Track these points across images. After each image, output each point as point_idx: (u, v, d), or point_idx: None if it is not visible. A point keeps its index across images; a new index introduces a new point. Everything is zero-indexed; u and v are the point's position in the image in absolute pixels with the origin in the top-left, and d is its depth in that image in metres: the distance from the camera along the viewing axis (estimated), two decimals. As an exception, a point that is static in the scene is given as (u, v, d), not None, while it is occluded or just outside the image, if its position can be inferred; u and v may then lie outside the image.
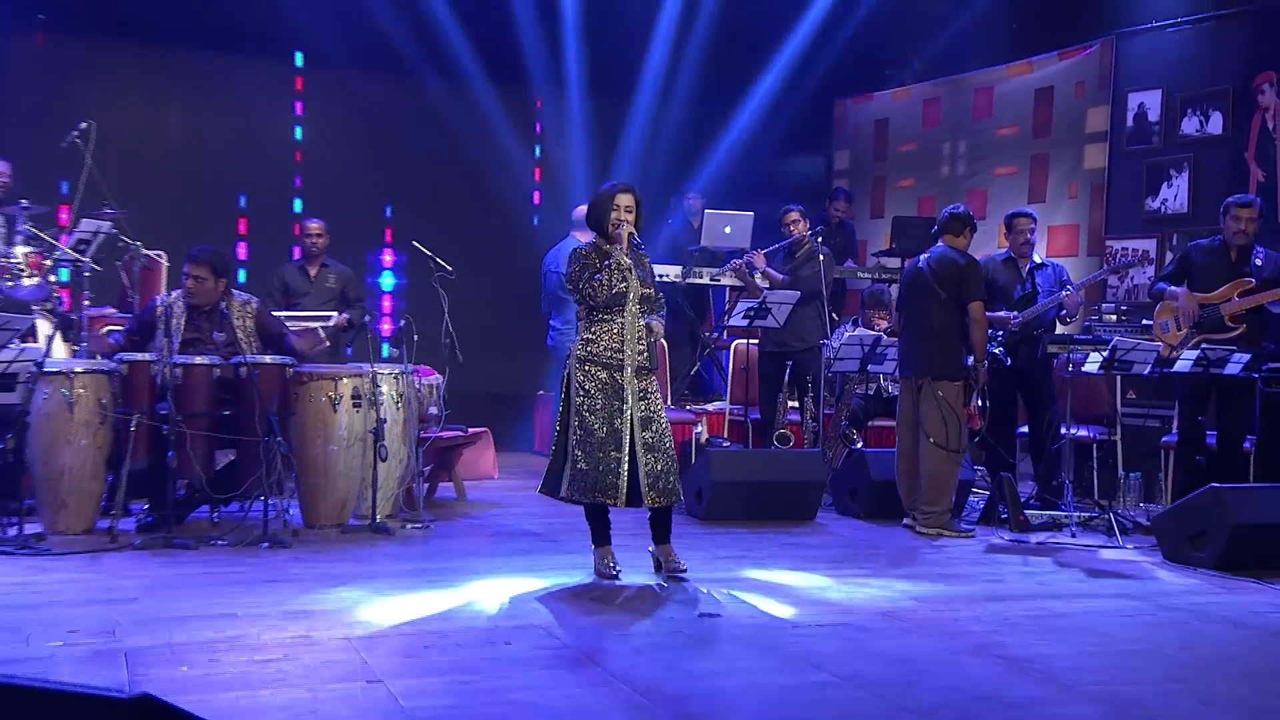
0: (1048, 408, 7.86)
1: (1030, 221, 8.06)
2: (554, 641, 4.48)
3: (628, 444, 5.48)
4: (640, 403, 5.55)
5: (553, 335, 9.02)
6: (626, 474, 5.46)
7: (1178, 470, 7.66)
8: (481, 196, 10.99)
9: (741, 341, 9.28)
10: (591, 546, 5.72)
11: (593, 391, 5.52)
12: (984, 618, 5.11)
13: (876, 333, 8.49)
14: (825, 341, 8.32)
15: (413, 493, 7.00)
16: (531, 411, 10.56)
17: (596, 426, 5.48)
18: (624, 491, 5.45)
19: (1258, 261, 7.40)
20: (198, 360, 6.27)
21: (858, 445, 8.41)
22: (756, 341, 8.96)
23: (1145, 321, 8.28)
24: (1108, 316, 8.92)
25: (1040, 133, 10.38)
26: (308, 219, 8.96)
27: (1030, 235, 8.02)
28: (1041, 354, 7.66)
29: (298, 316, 7.98)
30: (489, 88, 10.96)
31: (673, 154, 11.55)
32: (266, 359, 6.42)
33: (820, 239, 8.84)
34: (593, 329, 5.60)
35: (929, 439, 7.20)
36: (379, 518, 6.56)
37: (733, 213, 10.01)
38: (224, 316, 6.50)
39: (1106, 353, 7.19)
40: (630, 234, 5.61)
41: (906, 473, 7.39)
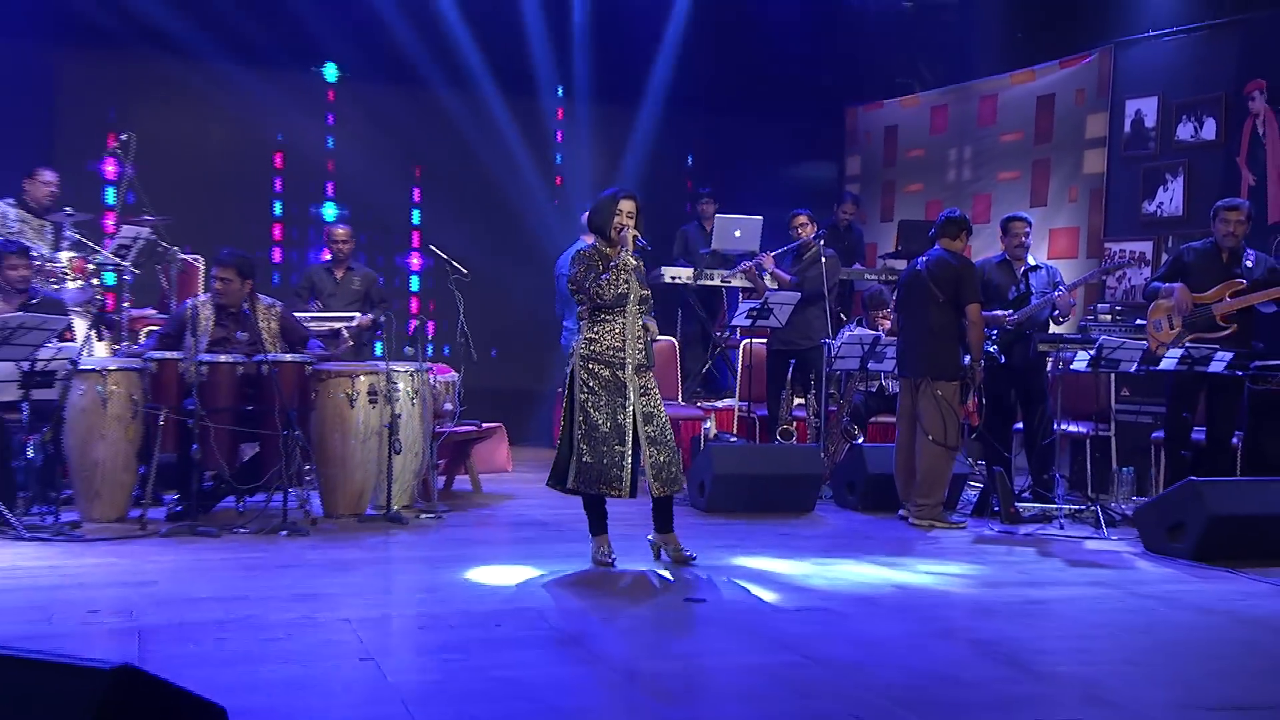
0: (1040, 404, 7.90)
1: (1025, 225, 8.09)
2: (543, 624, 4.60)
3: (630, 438, 5.60)
4: (641, 399, 5.67)
5: (565, 335, 9.14)
6: (630, 467, 5.59)
7: (1167, 465, 7.69)
8: (501, 202, 11.13)
9: (749, 341, 9.39)
10: (590, 536, 5.85)
11: (596, 388, 5.64)
12: (959, 604, 5.20)
13: (877, 332, 8.56)
14: (827, 340, 8.40)
15: (428, 484, 7.14)
16: (550, 408, 10.69)
17: (601, 421, 5.60)
18: (627, 483, 5.58)
19: (1248, 263, 7.42)
20: (222, 358, 6.44)
21: (859, 440, 8.48)
22: (765, 340, 9.07)
23: (1139, 321, 8.31)
24: (1103, 316, 8.94)
25: (1042, 139, 10.40)
26: (334, 224, 9.13)
27: (1025, 238, 8.05)
28: (1033, 353, 7.72)
29: (323, 317, 8.16)
30: (509, 99, 11.10)
31: (690, 160, 11.65)
32: (286, 357, 6.58)
33: (823, 241, 8.91)
34: (595, 329, 5.72)
35: (927, 436, 7.25)
36: (394, 508, 6.71)
37: (742, 217, 10.10)
38: (246, 317, 6.67)
39: (1093, 351, 7.26)
40: (635, 236, 5.73)
41: (904, 467, 7.46)
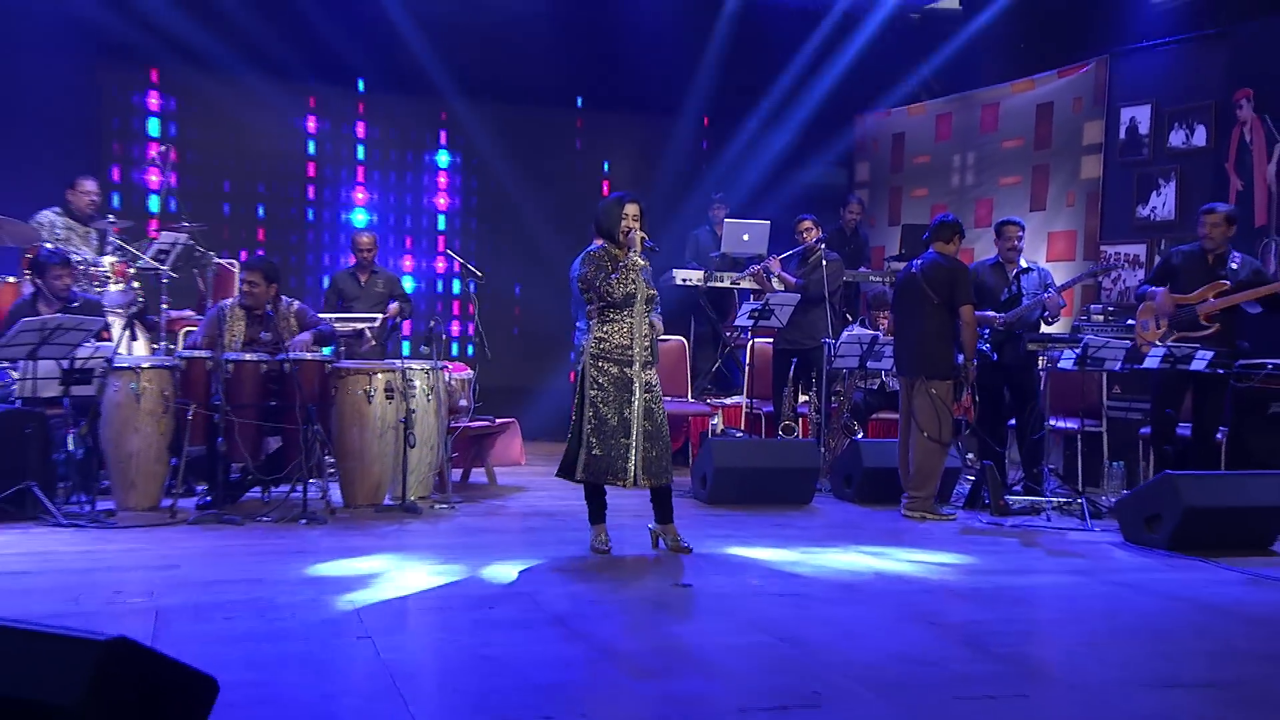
0: (1031, 401, 7.95)
1: (1018, 229, 8.15)
2: (535, 607, 4.72)
3: (635, 432, 5.74)
4: (645, 395, 5.80)
5: (578, 335, 9.26)
6: (634, 459, 5.72)
7: (1155, 460, 7.73)
8: (522, 208, 11.31)
9: (758, 340, 9.50)
10: (589, 525, 5.98)
11: (605, 385, 5.77)
12: (935, 590, 5.29)
13: (874, 332, 8.65)
14: (828, 339, 8.49)
15: (443, 476, 7.29)
16: (561, 404, 10.83)
17: (609, 416, 5.74)
18: (632, 474, 5.72)
19: (1233, 265, 7.45)
20: (247, 357, 6.62)
21: (858, 436, 8.56)
22: (771, 340, 9.18)
23: (1130, 321, 8.34)
24: (1096, 317, 8.99)
25: (1041, 145, 10.43)
26: (359, 231, 9.33)
27: (1018, 242, 8.11)
28: (1023, 351, 7.78)
29: (347, 318, 8.34)
30: (531, 109, 11.27)
31: (708, 167, 11.77)
32: (307, 356, 6.75)
33: (824, 245, 9.00)
34: (604, 328, 5.85)
35: (921, 432, 7.33)
36: (410, 498, 6.87)
37: (751, 221, 10.21)
38: (269, 318, 6.85)
39: (1079, 350, 7.32)
40: (642, 238, 5.86)
41: (906, 461, 7.54)
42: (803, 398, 9.03)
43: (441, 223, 11.62)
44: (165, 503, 6.64)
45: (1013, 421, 8.22)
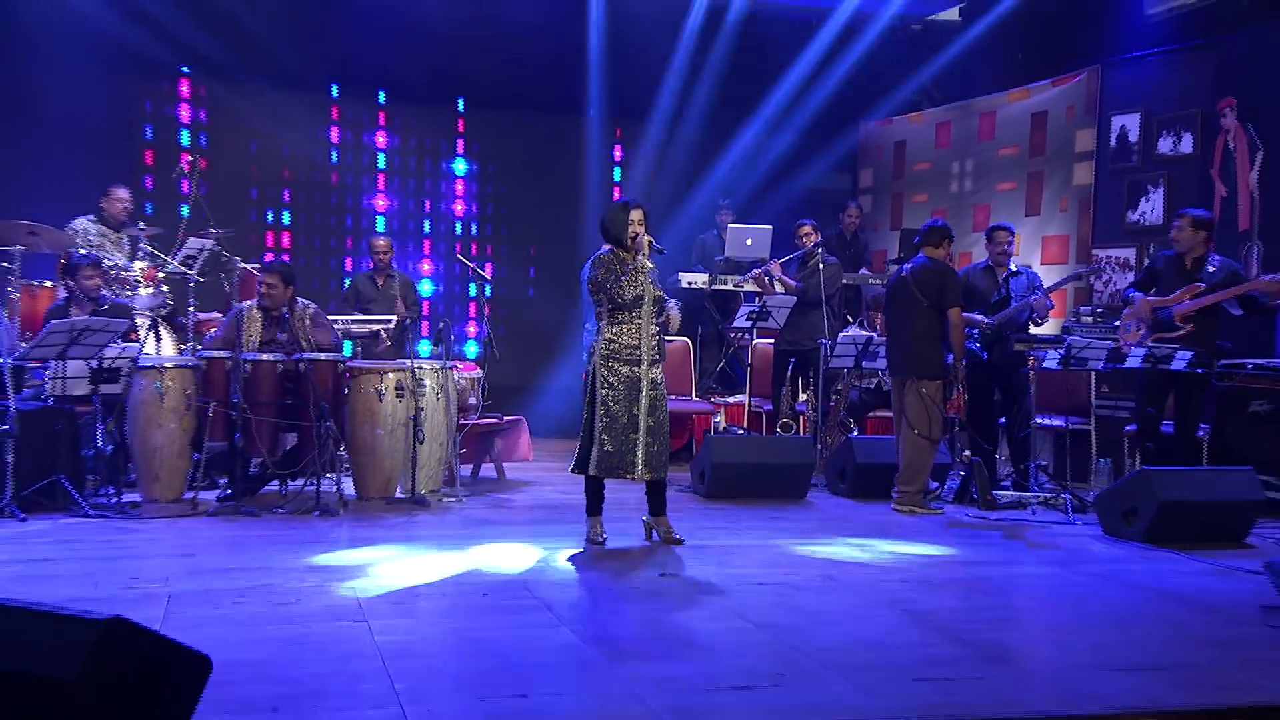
0: (1019, 399, 8.01)
1: (1007, 234, 8.22)
2: (526, 594, 4.84)
3: (642, 427, 5.85)
4: (651, 392, 5.91)
5: (587, 336, 9.37)
6: (641, 453, 5.84)
7: (1140, 456, 7.79)
8: (534, 214, 11.46)
9: (760, 341, 9.59)
10: (586, 516, 6.09)
11: (616, 384, 5.89)
12: (909, 580, 5.36)
13: (869, 333, 8.72)
14: (824, 340, 8.57)
15: (452, 470, 7.42)
16: (568, 402, 10.93)
17: (619, 413, 5.86)
18: (639, 468, 5.85)
19: (1210, 268, 7.49)
20: (264, 357, 6.77)
21: (854, 433, 8.64)
22: (773, 341, 9.27)
23: (1116, 322, 8.38)
24: (1085, 318, 9.04)
25: (1036, 152, 10.48)
26: (375, 236, 9.48)
27: (1007, 246, 8.18)
28: (1010, 352, 7.84)
29: (364, 319, 8.48)
30: (533, 117, 11.41)
31: (717, 174, 11.86)
32: (322, 356, 6.89)
33: (822, 249, 9.08)
34: (614, 329, 5.97)
35: (912, 429, 7.40)
36: (419, 492, 7.00)
37: (754, 226, 10.30)
38: (285, 320, 7.00)
39: (1063, 350, 7.38)
40: (650, 241, 5.97)
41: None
42: (802, 396, 9.11)
43: (458, 228, 11.75)
44: (188, 495, 6.79)
45: (1004, 420, 8.28)
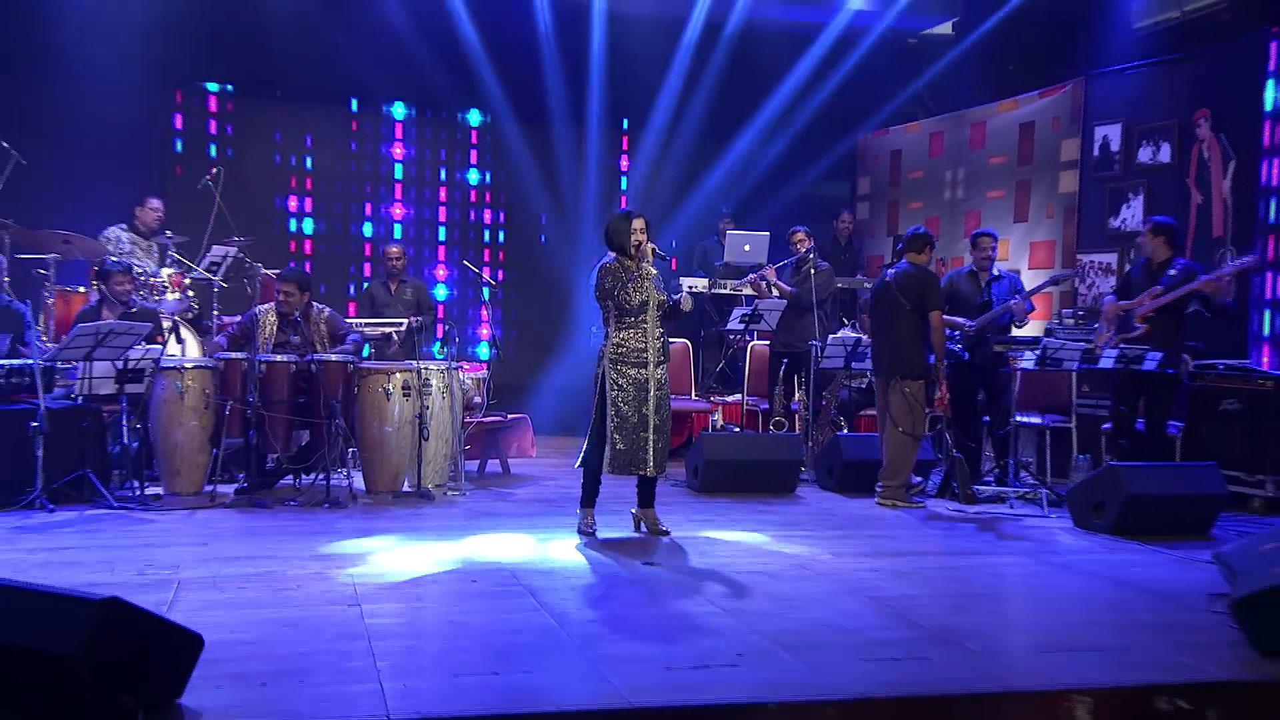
0: (1000, 398, 8.11)
1: (991, 241, 8.33)
2: (512, 581, 4.99)
3: (650, 425, 6.01)
4: (658, 391, 6.06)
5: (595, 340, 9.53)
6: (651, 449, 6.01)
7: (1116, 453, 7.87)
8: (544, 221, 11.63)
9: (756, 343, 9.73)
10: (579, 508, 6.24)
11: (625, 386, 6.04)
12: (880, 569, 5.48)
13: (857, 335, 8.84)
14: (815, 342, 8.68)
15: (457, 465, 7.59)
16: (571, 400, 11.08)
17: (629, 414, 6.01)
18: (651, 463, 6.02)
19: (1172, 272, 7.58)
20: (278, 358, 6.96)
21: (844, 431, 8.75)
22: (769, 343, 9.40)
23: (1096, 324, 8.47)
24: (1067, 320, 9.13)
25: (1024, 161, 10.56)
26: (389, 244, 9.67)
27: (990, 252, 8.30)
28: (990, 353, 7.95)
29: (376, 323, 8.66)
30: (535, 125, 11.60)
31: (722, 181, 12.01)
32: (333, 357, 7.07)
33: (814, 255, 9.19)
34: (621, 333, 6.11)
35: (896, 427, 7.52)
36: (425, 486, 7.17)
37: (752, 233, 10.44)
38: (297, 324, 7.19)
39: (1039, 351, 7.49)
40: (653, 248, 6.11)
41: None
42: (796, 396, 9.23)
43: (470, 235, 11.93)
44: (207, 488, 6.98)
45: (987, 418, 8.38)
